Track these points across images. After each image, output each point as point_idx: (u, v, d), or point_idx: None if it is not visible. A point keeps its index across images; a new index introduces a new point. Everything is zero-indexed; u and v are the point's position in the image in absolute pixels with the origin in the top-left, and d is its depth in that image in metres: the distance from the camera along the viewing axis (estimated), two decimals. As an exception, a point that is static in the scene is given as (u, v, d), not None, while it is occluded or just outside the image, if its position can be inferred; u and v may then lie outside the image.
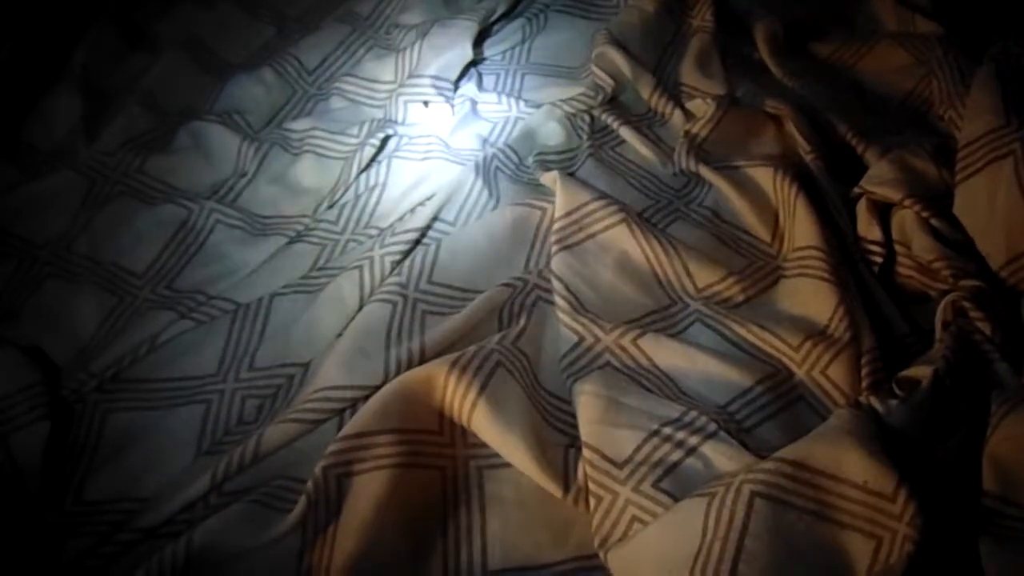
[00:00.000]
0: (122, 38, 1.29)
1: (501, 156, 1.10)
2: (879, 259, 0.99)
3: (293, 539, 0.82)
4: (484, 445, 0.86)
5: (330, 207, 1.09)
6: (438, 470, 0.86)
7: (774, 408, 0.89)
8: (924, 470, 0.78)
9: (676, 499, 0.79)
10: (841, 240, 1.00)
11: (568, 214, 1.00)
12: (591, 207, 1.00)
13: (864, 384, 0.89)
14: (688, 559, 0.74)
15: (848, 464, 0.74)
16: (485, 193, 1.05)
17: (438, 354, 0.90)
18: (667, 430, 0.84)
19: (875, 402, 0.83)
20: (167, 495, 0.85)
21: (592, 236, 0.99)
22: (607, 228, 0.99)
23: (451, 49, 1.21)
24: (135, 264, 1.03)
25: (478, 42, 1.27)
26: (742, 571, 0.72)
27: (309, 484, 0.83)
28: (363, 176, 1.11)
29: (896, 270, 0.99)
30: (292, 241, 1.06)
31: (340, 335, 0.94)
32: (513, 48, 1.27)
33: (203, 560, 0.80)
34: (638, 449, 0.83)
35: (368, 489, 0.82)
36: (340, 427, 0.88)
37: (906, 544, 0.71)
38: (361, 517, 0.81)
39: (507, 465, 0.85)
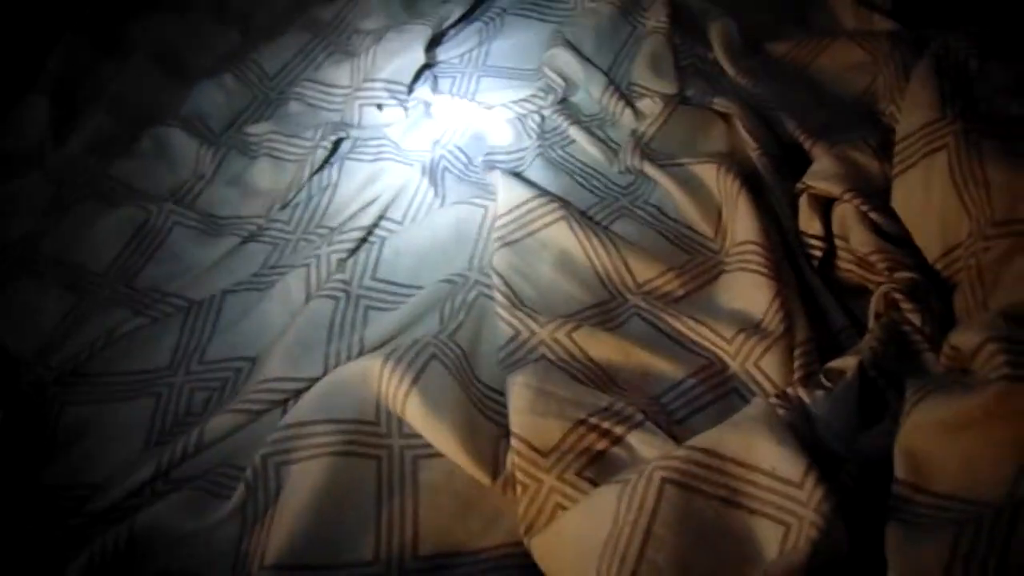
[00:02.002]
0: (94, 46, 1.33)
1: (449, 156, 1.13)
2: (819, 253, 1.00)
3: (233, 525, 0.85)
4: (420, 435, 0.88)
5: (283, 208, 1.13)
6: (374, 459, 0.88)
7: (707, 400, 0.91)
8: (844, 460, 0.80)
9: (598, 487, 0.81)
10: (783, 236, 1.02)
11: (509, 211, 1.02)
12: (531, 205, 1.02)
13: (796, 376, 0.91)
14: (600, 542, 0.76)
15: (758, 451, 0.75)
16: (431, 193, 1.08)
17: (378, 348, 0.94)
18: (594, 419, 0.85)
19: (802, 393, 0.84)
20: (115, 482, 0.89)
21: (532, 233, 1.02)
22: (547, 225, 1.02)
23: (404, 53, 1.24)
24: (97, 264, 1.08)
25: (437, 46, 1.30)
26: (649, 556, 0.74)
27: (248, 471, 0.87)
28: (316, 177, 1.14)
29: (836, 264, 1.01)
30: (245, 241, 1.10)
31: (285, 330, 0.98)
32: (471, 51, 1.30)
33: (146, 543, 0.84)
34: (564, 438, 0.84)
35: (305, 477, 0.85)
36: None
37: (811, 530, 0.72)
38: (297, 503, 0.84)
39: (441, 455, 0.87)
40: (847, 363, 0.87)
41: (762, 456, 0.75)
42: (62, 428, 0.94)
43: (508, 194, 1.03)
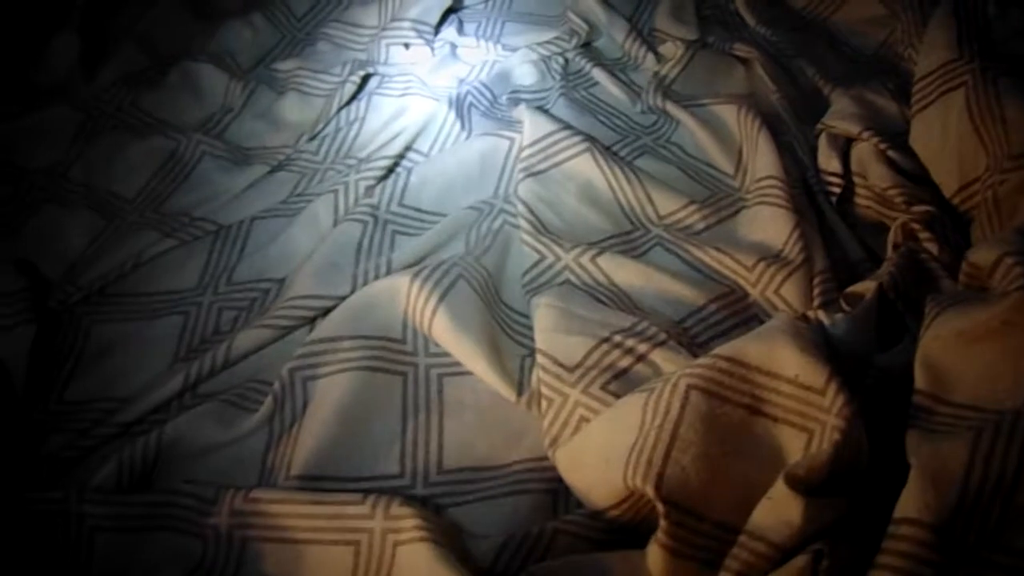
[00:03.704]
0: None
1: (475, 92, 1.15)
2: (837, 190, 1.02)
3: (260, 436, 0.87)
4: (445, 354, 0.90)
5: (311, 139, 1.14)
6: (399, 375, 0.89)
7: (728, 325, 0.92)
8: (862, 374, 0.81)
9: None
10: (802, 173, 1.03)
11: (534, 143, 1.04)
12: (556, 137, 1.05)
13: (816, 303, 0.92)
14: (626, 448, 0.77)
15: (781, 359, 0.76)
16: (458, 126, 1.10)
17: (404, 269, 0.95)
18: (618, 337, 0.86)
19: (822, 316, 0.86)
20: (143, 395, 0.90)
21: (557, 165, 1.04)
22: (571, 157, 1.04)
23: (432, -6, 1.27)
24: (126, 190, 1.09)
25: (462, -10, 1.33)
26: (675, 458, 0.75)
27: (276, 384, 0.88)
28: (344, 111, 1.17)
29: (855, 201, 1.02)
30: (274, 169, 1.11)
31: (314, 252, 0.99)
32: (496, -4, 1.33)
33: (172, 453, 0.85)
34: (588, 354, 0.86)
35: (332, 390, 0.87)
36: (311, 334, 0.93)
37: (834, 433, 0.73)
38: (323, 417, 0.86)
39: (467, 373, 0.89)
40: (866, 287, 0.88)
41: (785, 364, 0.76)
42: (90, 345, 0.95)
43: (534, 126, 1.05)
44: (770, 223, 0.97)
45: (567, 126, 1.05)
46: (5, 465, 0.86)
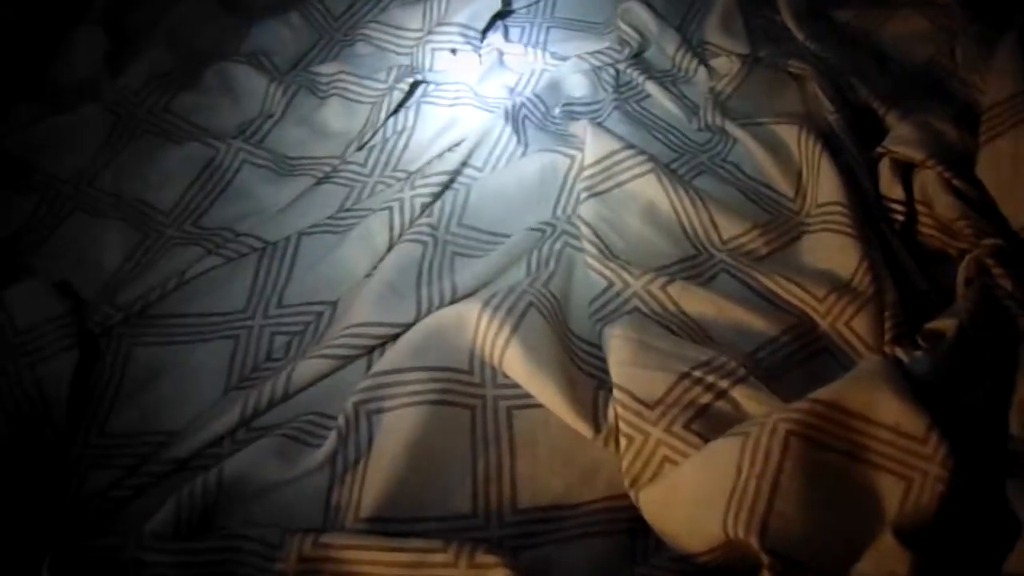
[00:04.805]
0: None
1: (529, 105, 1.11)
2: (901, 217, 1.00)
3: (323, 474, 0.82)
4: (514, 385, 0.87)
5: (358, 149, 1.09)
6: (468, 408, 0.86)
7: (800, 357, 0.91)
8: (951, 418, 0.80)
9: (707, 440, 0.80)
10: (863, 198, 1.02)
11: (597, 162, 1.01)
12: (620, 156, 1.01)
13: (887, 337, 0.90)
14: (723, 496, 0.75)
15: (880, 406, 0.75)
16: (514, 140, 1.05)
17: (468, 295, 0.92)
18: (697, 373, 0.84)
19: (900, 353, 0.85)
20: (196, 428, 0.85)
21: (620, 185, 1.00)
22: (635, 177, 1.01)
23: (479, -1, 1.22)
24: (161, 201, 1.03)
25: (506, -5, 1.28)
26: (778, 507, 0.73)
27: (340, 419, 0.84)
28: (391, 120, 1.11)
29: (917, 229, 1.01)
30: (320, 181, 1.05)
31: (370, 274, 0.95)
32: (538, 2, 1.28)
33: (233, 492, 0.80)
34: (669, 391, 0.83)
35: (398, 426, 0.83)
36: (370, 364, 0.89)
37: (937, 485, 0.72)
38: (391, 453, 0.82)
39: (537, 405, 0.86)
40: (944, 324, 0.87)
41: (885, 411, 0.75)
42: (132, 371, 0.89)
43: (596, 144, 1.01)
44: (837, 251, 0.95)
45: (630, 145, 1.02)
46: (50, 506, 0.80)
